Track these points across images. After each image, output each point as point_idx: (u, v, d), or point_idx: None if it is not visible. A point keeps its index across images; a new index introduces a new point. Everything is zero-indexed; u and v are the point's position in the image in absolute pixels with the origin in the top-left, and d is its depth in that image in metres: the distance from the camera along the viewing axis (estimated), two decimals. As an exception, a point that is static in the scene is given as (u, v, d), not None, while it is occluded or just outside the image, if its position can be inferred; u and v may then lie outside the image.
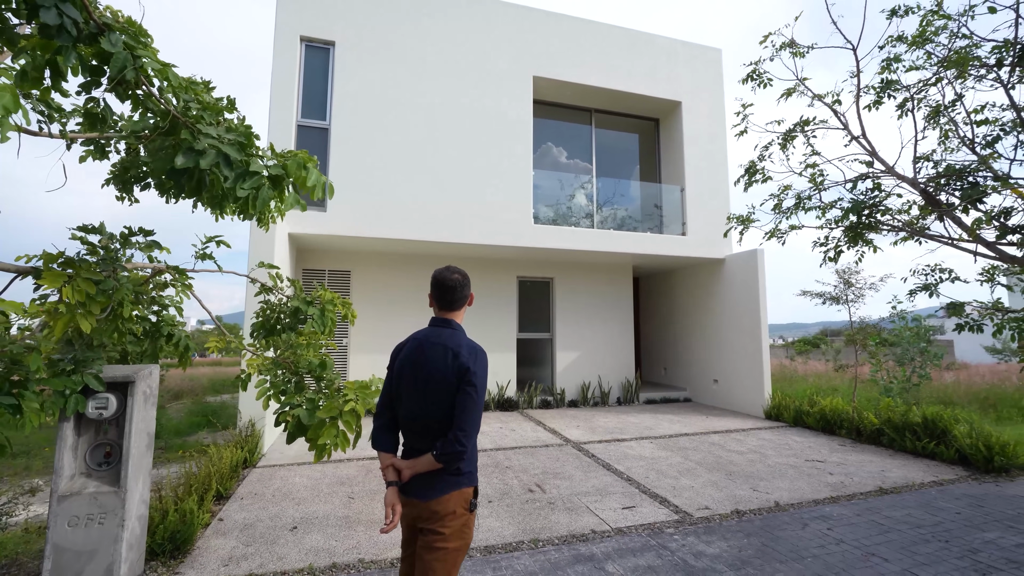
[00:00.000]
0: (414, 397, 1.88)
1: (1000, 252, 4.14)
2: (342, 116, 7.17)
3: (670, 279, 10.65)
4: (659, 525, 3.79)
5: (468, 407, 1.79)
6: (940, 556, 3.31)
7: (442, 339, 1.95)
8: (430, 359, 1.89)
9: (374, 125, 7.26)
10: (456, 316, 2.08)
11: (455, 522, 1.79)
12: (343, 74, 7.23)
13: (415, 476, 1.84)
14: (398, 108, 7.39)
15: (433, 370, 1.86)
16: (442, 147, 7.52)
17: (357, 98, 7.24)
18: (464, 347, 1.90)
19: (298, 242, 7.43)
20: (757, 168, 5.59)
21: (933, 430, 5.69)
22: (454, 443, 1.75)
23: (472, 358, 1.87)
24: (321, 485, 4.60)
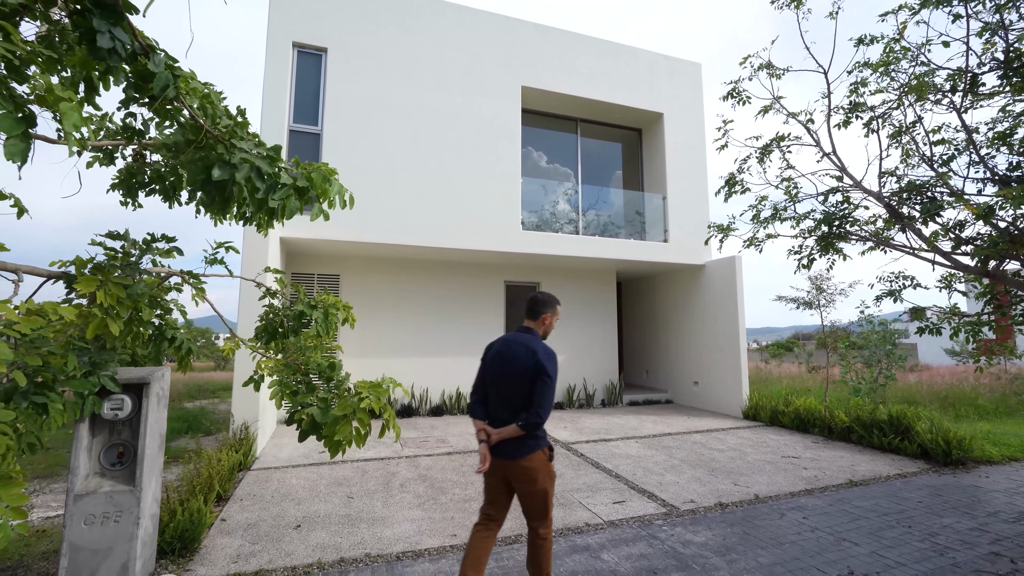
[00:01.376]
0: (500, 381, 2.58)
1: (955, 261, 4.52)
2: (334, 121, 7.26)
3: (652, 284, 10.99)
4: (648, 517, 4.01)
5: (543, 392, 2.46)
6: (904, 539, 3.61)
7: (524, 341, 2.61)
8: (514, 354, 2.56)
9: (365, 131, 7.37)
10: (536, 326, 2.72)
11: (541, 471, 2.53)
12: (335, 80, 7.32)
13: (505, 440, 2.52)
14: (389, 115, 7.52)
15: (516, 362, 2.53)
16: (432, 153, 7.67)
17: (349, 104, 7.35)
18: (540, 349, 2.55)
19: (289, 246, 7.47)
20: (736, 180, 5.91)
21: (898, 427, 6.09)
22: (534, 416, 2.44)
23: (546, 357, 2.51)
24: (319, 486, 4.68)
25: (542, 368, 2.46)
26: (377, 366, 8.19)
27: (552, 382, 2.48)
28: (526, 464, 2.50)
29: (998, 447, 6.09)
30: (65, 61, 1.99)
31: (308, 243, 7.26)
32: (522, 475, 2.52)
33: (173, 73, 2.02)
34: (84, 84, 2.05)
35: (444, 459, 5.66)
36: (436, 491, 4.57)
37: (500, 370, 2.60)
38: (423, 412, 8.23)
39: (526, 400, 2.49)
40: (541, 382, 2.45)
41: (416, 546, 3.44)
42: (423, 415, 8.19)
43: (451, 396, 8.46)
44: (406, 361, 8.42)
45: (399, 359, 8.38)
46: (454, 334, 8.78)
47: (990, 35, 4.37)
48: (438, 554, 3.33)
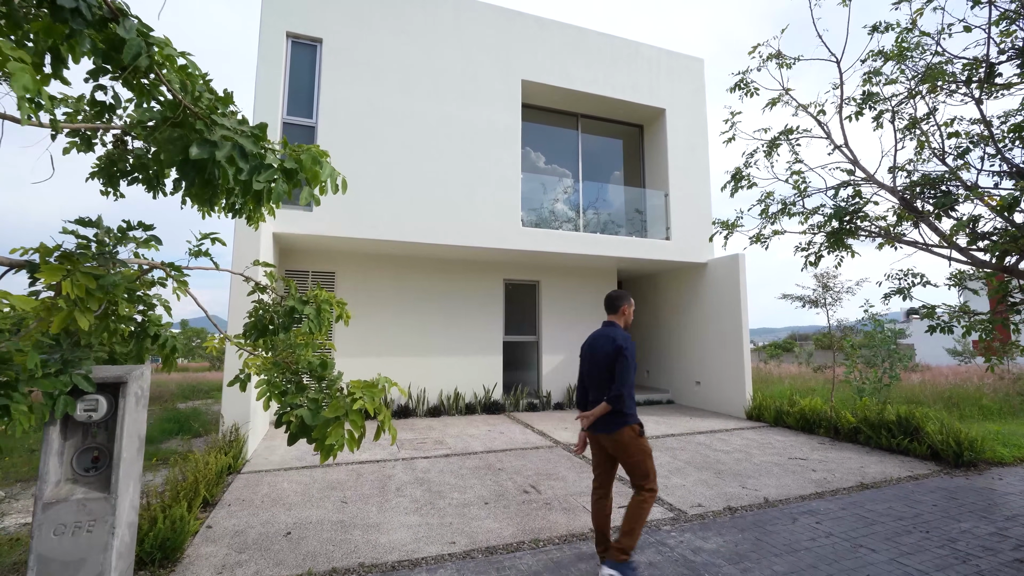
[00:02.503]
0: (592, 370, 3.16)
1: (971, 257, 4.37)
2: (328, 114, 7.07)
3: (653, 283, 10.84)
4: (656, 523, 3.84)
5: (622, 371, 2.95)
6: (923, 545, 3.46)
7: (606, 332, 3.18)
8: (599, 345, 3.15)
9: (361, 124, 7.18)
10: (616, 318, 3.25)
11: (632, 444, 2.98)
12: (330, 72, 7.13)
13: (600, 418, 3.02)
14: (385, 107, 7.34)
15: (600, 351, 3.11)
16: (430, 148, 7.49)
17: (344, 97, 7.16)
18: (618, 336, 3.09)
19: (282, 242, 7.27)
20: (743, 174, 5.76)
21: (907, 428, 5.94)
22: (615, 391, 2.94)
23: (623, 341, 3.03)
24: (312, 490, 4.49)
25: (619, 350, 2.99)
26: (374, 365, 8.00)
27: (628, 362, 2.97)
28: (616, 438, 2.99)
29: (1008, 448, 5.96)
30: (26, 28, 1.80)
31: (302, 239, 7.07)
32: (615, 447, 3.03)
33: (146, 41, 1.84)
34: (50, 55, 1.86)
35: (442, 461, 5.48)
36: (434, 495, 4.39)
37: (590, 360, 3.19)
38: (420, 413, 8.04)
39: (607, 384, 3.03)
40: (619, 362, 2.97)
41: (413, 554, 3.26)
42: (420, 416, 8.01)
43: (449, 396, 8.28)
44: (404, 360, 8.23)
45: (396, 358, 8.19)
46: (452, 333, 8.60)
47: (1008, 24, 4.23)
48: (436, 563, 3.16)
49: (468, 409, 8.30)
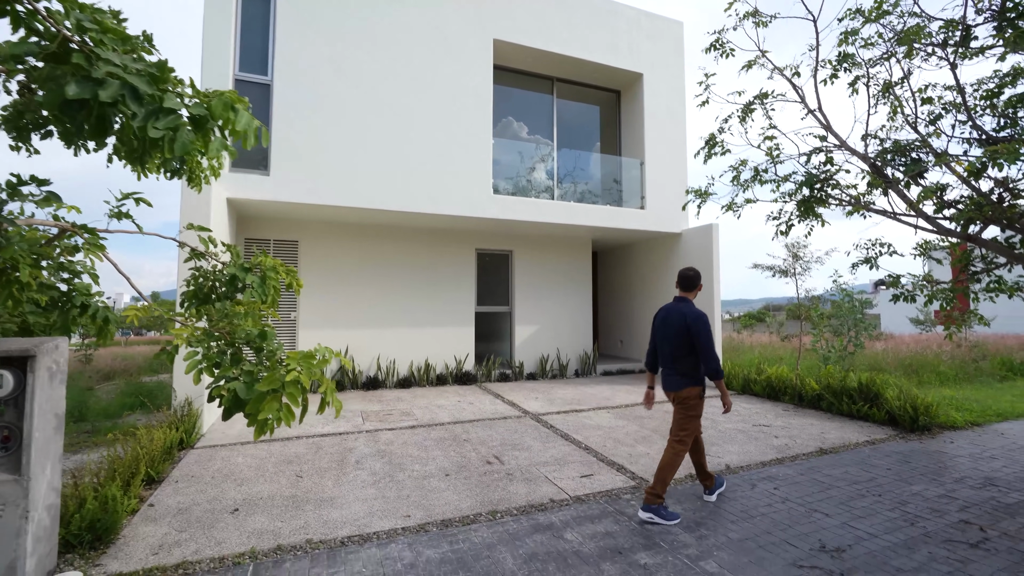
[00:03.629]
0: (663, 341, 3.56)
1: (937, 225, 4.34)
2: (286, 72, 6.61)
3: (628, 253, 10.76)
4: (616, 492, 3.83)
5: (704, 345, 3.35)
6: (874, 509, 3.51)
7: (678, 308, 3.52)
8: (672, 319, 3.51)
9: (321, 83, 6.75)
10: (688, 295, 3.60)
11: (690, 401, 3.46)
12: (286, 24, 6.63)
13: (670, 377, 3.52)
14: (348, 65, 6.90)
15: (672, 325, 3.49)
16: (397, 110, 7.11)
17: (302, 53, 6.68)
18: (690, 312, 3.44)
19: (239, 209, 6.89)
20: (717, 141, 5.60)
21: (867, 394, 6.06)
22: (711, 366, 3.38)
23: (695, 319, 3.38)
24: (267, 464, 4.35)
25: (694, 328, 3.37)
26: (342, 337, 7.80)
27: (704, 335, 3.35)
28: (681, 394, 3.47)
29: (961, 412, 6.15)
30: None
31: (260, 205, 6.70)
32: (677, 400, 3.51)
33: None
34: None
35: (407, 433, 5.38)
36: (394, 468, 4.29)
37: (662, 332, 3.57)
38: (390, 384, 7.91)
39: (679, 353, 3.46)
40: (699, 339, 3.36)
41: (364, 529, 3.17)
42: (390, 387, 7.88)
43: (420, 368, 8.15)
44: (372, 332, 8.04)
45: (365, 330, 7.99)
46: (423, 304, 8.41)
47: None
48: (388, 538, 3.07)
49: (439, 380, 8.21)
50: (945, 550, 2.93)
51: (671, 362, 3.50)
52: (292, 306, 7.60)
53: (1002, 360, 10.28)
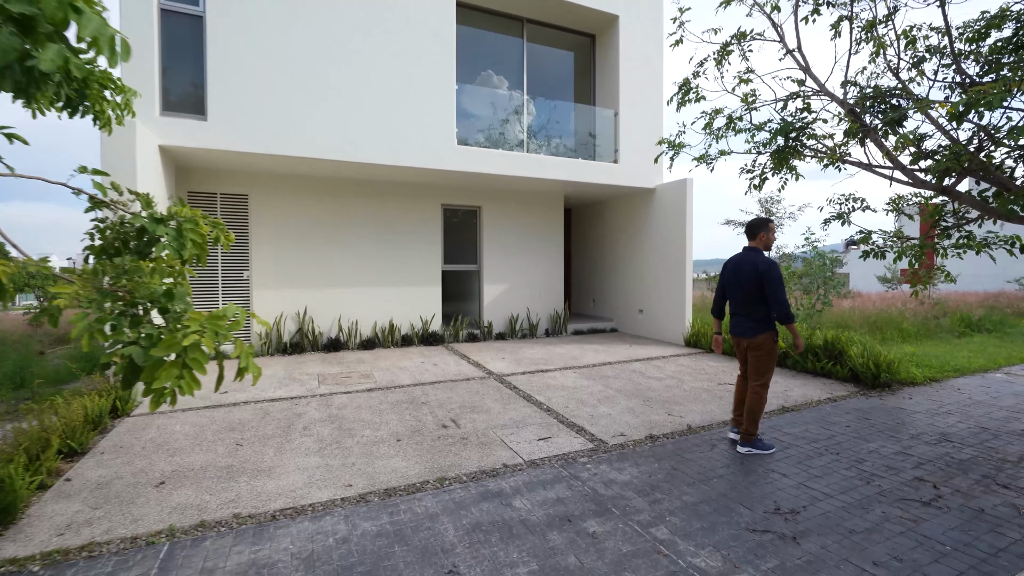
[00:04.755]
0: (733, 289, 3.76)
1: (914, 177, 4.14)
2: (221, 4, 5.87)
3: (602, 210, 10.45)
4: (573, 455, 3.69)
5: (774, 292, 3.52)
6: (831, 468, 3.46)
7: (747, 257, 3.71)
8: (741, 268, 3.71)
9: (265, 20, 6.05)
10: (756, 244, 3.77)
11: (764, 346, 3.65)
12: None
13: (743, 323, 3.72)
14: (297, 6, 6.18)
15: (742, 274, 3.68)
16: (351, 51, 6.47)
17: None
18: (760, 261, 3.62)
19: (177, 158, 6.29)
20: (691, 86, 5.23)
21: (832, 351, 6.05)
22: (779, 312, 3.53)
23: (766, 267, 3.56)
24: (206, 432, 4.08)
25: (764, 275, 3.56)
26: (299, 297, 7.42)
27: (774, 283, 3.53)
28: (755, 340, 3.67)
29: (921, 368, 6.22)
30: None
31: (201, 155, 6.11)
32: (750, 346, 3.71)
33: None
34: None
35: (363, 396, 5.16)
36: (343, 434, 4.08)
37: (732, 280, 3.77)
38: (352, 346, 7.64)
39: (750, 300, 3.65)
40: (769, 287, 3.54)
41: (300, 501, 2.96)
42: (352, 349, 7.61)
43: (384, 328, 7.87)
44: (333, 292, 7.67)
45: (325, 289, 7.61)
46: (387, 262, 8.03)
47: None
48: (324, 509, 2.87)
49: (405, 341, 7.97)
50: (899, 509, 2.88)
51: (742, 309, 3.71)
52: (244, 264, 7.15)
53: (961, 317, 10.52)
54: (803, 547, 2.50)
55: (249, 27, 5.97)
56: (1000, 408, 4.83)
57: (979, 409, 4.80)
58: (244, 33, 5.95)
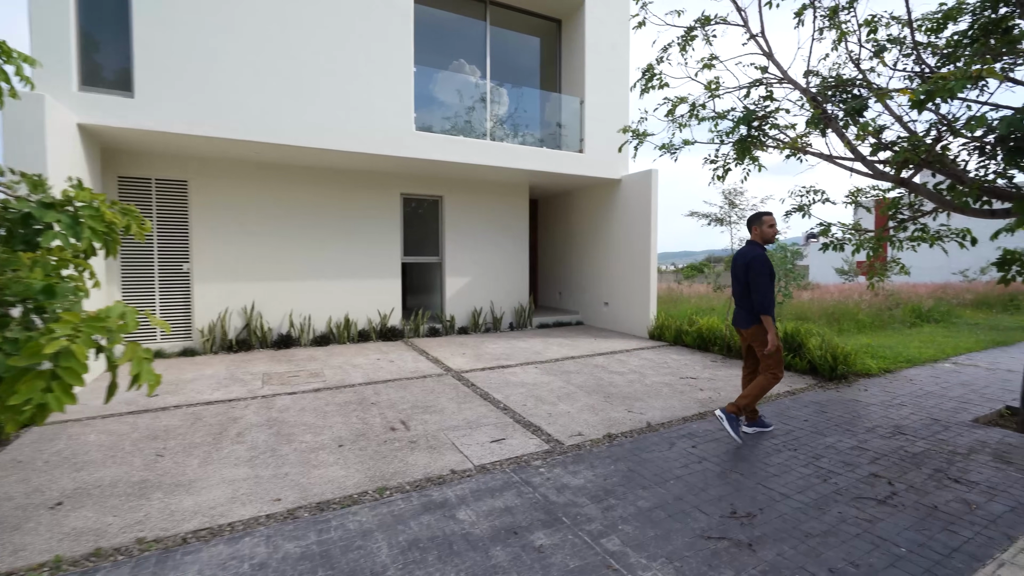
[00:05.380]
0: (735, 280, 3.89)
1: (873, 168, 4.09)
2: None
3: (568, 201, 10.28)
4: (527, 457, 3.50)
5: (756, 283, 3.67)
6: (789, 465, 3.37)
7: (743, 251, 3.89)
8: (737, 260, 3.89)
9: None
10: (754, 237, 3.90)
11: (760, 337, 3.74)
12: (142, -96, 5.29)
13: (738, 315, 3.90)
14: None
15: (737, 267, 3.85)
16: (302, 28, 6.02)
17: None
18: (749, 253, 3.79)
19: (102, 140, 5.73)
20: (655, 72, 5.06)
21: (791, 344, 6.06)
22: (756, 301, 3.69)
23: (752, 260, 3.72)
24: (124, 442, 3.70)
25: (750, 267, 3.70)
26: (246, 291, 6.96)
27: (759, 276, 3.67)
28: (751, 332, 3.79)
29: (876, 360, 6.30)
30: None
31: (129, 136, 5.58)
32: (751, 339, 3.83)
33: None
34: None
35: (308, 397, 4.83)
36: (280, 440, 3.77)
37: (733, 273, 3.90)
38: (305, 342, 7.24)
39: (745, 292, 3.77)
40: (751, 276, 3.70)
41: (219, 519, 2.66)
42: (305, 346, 7.22)
43: (339, 324, 7.49)
44: (284, 285, 7.23)
45: (274, 283, 7.17)
46: (342, 254, 7.63)
47: None
48: (245, 529, 2.57)
49: (362, 337, 7.61)
50: (855, 508, 2.79)
51: (740, 300, 3.85)
52: (184, 256, 6.64)
53: (913, 308, 10.87)
54: (759, 555, 2.37)
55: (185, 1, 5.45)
56: (949, 399, 4.90)
57: (930, 400, 4.86)
58: (180, 8, 5.42)
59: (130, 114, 5.21)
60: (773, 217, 3.86)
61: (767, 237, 3.85)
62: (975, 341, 8.08)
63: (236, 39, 5.70)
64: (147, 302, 6.43)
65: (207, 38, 5.56)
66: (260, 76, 5.81)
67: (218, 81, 5.60)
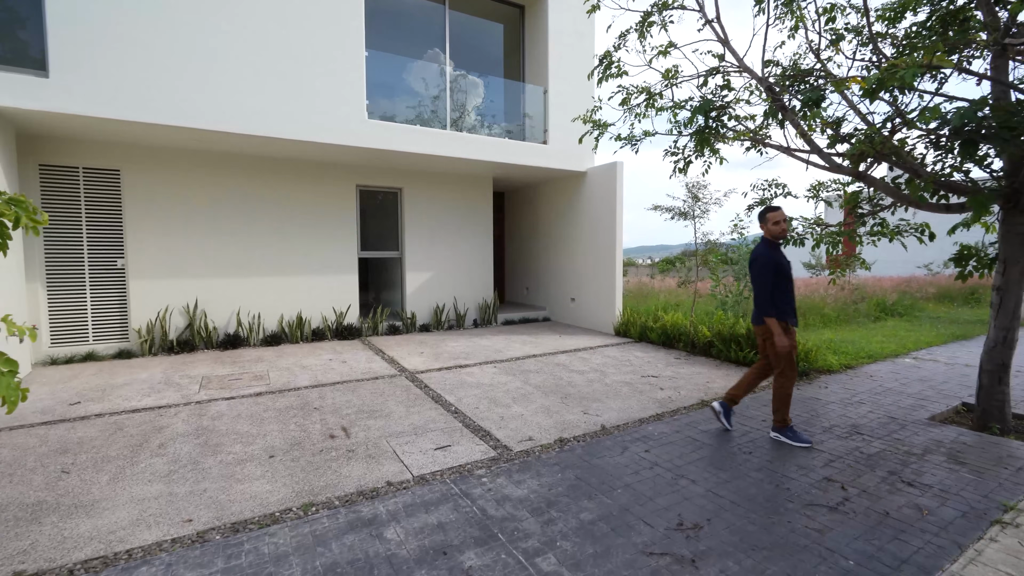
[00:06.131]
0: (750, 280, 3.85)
1: (830, 161, 3.99)
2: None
3: (534, 194, 10.07)
4: (471, 466, 3.29)
5: (753, 282, 3.69)
6: (742, 470, 3.25)
7: (755, 249, 3.79)
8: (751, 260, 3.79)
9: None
10: (764, 233, 3.78)
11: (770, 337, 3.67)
12: None
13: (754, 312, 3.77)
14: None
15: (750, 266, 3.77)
16: (241, 5, 5.62)
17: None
18: (755, 253, 3.73)
19: (17, 124, 5.25)
20: (613, 60, 4.87)
21: (755, 341, 5.99)
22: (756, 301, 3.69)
23: (753, 256, 3.72)
24: (29, 457, 3.35)
25: (751, 266, 3.68)
26: (188, 288, 6.55)
27: (759, 277, 3.61)
28: (761, 330, 3.75)
29: (838, 356, 6.30)
30: None
31: (49, 120, 5.11)
32: (761, 336, 3.76)
33: None
34: None
35: (247, 402, 4.52)
36: (206, 451, 3.47)
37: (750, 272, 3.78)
38: (254, 342, 6.88)
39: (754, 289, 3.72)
40: (752, 278, 3.68)
41: (116, 546, 2.37)
42: (254, 346, 6.85)
43: (291, 322, 7.14)
44: (230, 281, 6.84)
45: (220, 279, 6.77)
46: (294, 248, 7.26)
47: None
48: (144, 556, 2.30)
49: (316, 336, 7.28)
50: (806, 517, 2.67)
51: (754, 299, 3.74)
52: (119, 252, 6.19)
53: (877, 302, 11.05)
54: (701, 572, 2.21)
55: (107, -32, 5.00)
56: (908, 396, 4.89)
57: (888, 397, 4.83)
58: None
59: (44, 95, 4.76)
60: (781, 212, 3.68)
61: (775, 234, 3.68)
62: (936, 335, 8.20)
63: (169, 19, 5.27)
64: (77, 301, 5.97)
65: (134, 16, 5.12)
66: (192, 57, 5.40)
67: (146, 63, 5.18)
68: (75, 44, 4.87)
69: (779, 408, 3.72)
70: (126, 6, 5.07)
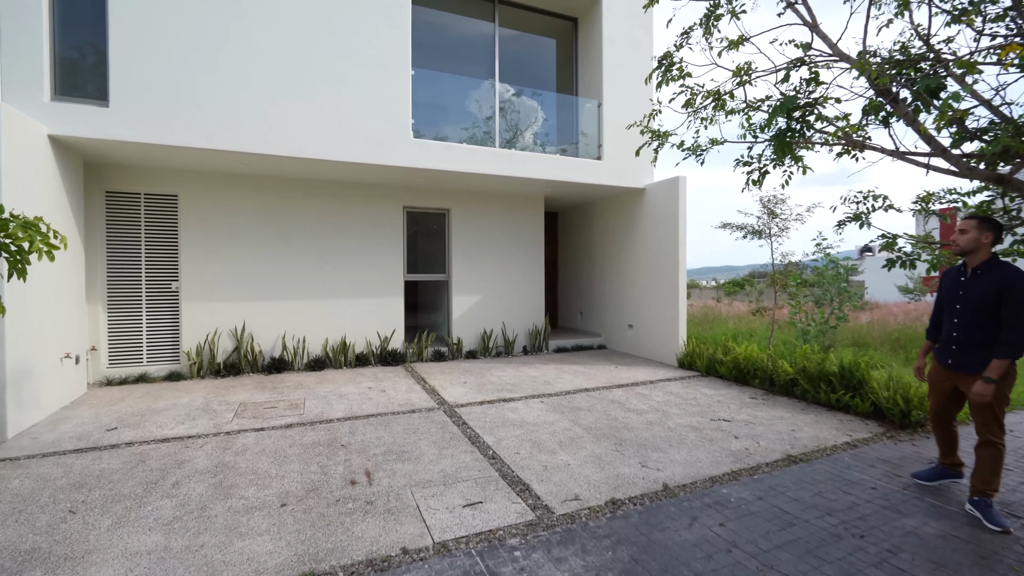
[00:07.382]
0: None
1: (960, 164, 3.18)
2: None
3: (589, 213, 9.52)
4: (502, 533, 2.75)
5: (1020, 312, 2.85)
6: (853, 563, 2.48)
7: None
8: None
9: None
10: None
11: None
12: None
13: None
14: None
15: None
16: (287, 30, 5.65)
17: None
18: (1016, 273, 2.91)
19: (84, 152, 5.48)
20: (674, 60, 4.32)
21: (849, 380, 5.05)
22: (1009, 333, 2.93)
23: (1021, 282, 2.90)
24: (45, 492, 3.21)
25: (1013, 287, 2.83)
26: (236, 311, 6.57)
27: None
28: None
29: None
30: None
31: (111, 148, 5.30)
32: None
33: None
34: None
35: (275, 435, 4.26)
36: (218, 493, 3.18)
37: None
38: (298, 366, 6.76)
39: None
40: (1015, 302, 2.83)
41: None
42: (297, 370, 6.73)
43: (335, 346, 6.98)
44: (277, 305, 6.81)
45: (267, 302, 6.75)
46: (340, 271, 7.16)
47: None
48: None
49: (360, 361, 7.07)
50: (959, 651, 1.89)
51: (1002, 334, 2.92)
52: (173, 275, 6.31)
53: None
54: None
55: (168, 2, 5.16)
56: (1069, 459, 3.80)
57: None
58: (162, 9, 5.14)
59: (104, 124, 4.91)
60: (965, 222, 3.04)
61: (963, 247, 3.06)
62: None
63: (221, 47, 5.35)
64: (133, 323, 6.12)
65: (188, 45, 5.23)
66: (243, 83, 5.44)
67: (199, 90, 5.26)
68: (134, 75, 5.01)
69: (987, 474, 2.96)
70: (185, 38, 5.19)
